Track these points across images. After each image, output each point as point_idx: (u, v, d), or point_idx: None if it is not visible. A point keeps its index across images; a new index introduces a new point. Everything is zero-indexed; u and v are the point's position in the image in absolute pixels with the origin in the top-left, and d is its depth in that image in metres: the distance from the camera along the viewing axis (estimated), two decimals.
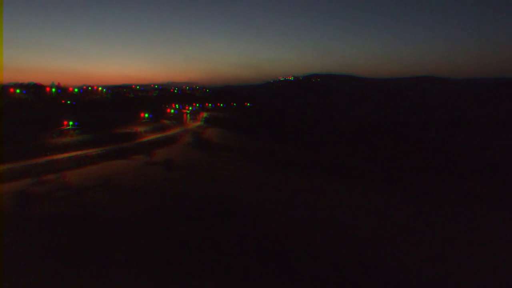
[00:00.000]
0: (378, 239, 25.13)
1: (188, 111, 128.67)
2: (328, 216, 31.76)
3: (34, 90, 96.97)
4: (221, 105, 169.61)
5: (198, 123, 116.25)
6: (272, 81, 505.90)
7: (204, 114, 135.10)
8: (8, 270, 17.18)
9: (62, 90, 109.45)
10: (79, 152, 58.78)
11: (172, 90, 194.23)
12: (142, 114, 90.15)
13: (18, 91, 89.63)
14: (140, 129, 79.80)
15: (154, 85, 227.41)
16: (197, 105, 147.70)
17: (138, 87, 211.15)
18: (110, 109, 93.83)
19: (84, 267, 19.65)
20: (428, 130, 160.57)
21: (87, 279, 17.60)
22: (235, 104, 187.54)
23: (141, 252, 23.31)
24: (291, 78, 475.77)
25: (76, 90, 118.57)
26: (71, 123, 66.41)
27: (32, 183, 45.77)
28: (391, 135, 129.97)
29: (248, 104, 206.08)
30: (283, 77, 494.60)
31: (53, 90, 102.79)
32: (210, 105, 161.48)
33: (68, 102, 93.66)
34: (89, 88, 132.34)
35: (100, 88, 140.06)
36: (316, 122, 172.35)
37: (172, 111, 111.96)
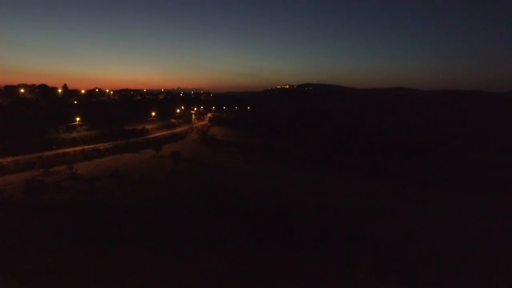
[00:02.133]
0: (361, 212, 32.49)
1: (195, 112, 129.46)
2: (318, 200, 37.34)
3: (43, 90, 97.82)
4: (225, 107, 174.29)
5: (203, 122, 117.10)
6: (270, 88, 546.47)
7: (209, 115, 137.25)
8: (20, 250, 17.07)
9: (70, 91, 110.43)
10: (87, 146, 58.89)
11: (180, 95, 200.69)
12: (150, 113, 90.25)
13: (23, 90, 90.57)
14: (149, 126, 79.76)
15: (163, 89, 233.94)
16: (203, 107, 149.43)
17: (145, 90, 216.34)
18: (118, 108, 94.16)
19: (93, 244, 19.31)
20: (399, 130, 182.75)
21: (97, 254, 17.33)
22: (237, 107, 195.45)
23: (151, 231, 22.88)
24: (287, 87, 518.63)
25: (83, 91, 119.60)
26: (78, 119, 66.45)
27: (40, 173, 46.03)
28: (369, 133, 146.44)
29: (249, 107, 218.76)
30: (280, 86, 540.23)
31: (60, 90, 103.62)
32: (214, 107, 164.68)
33: (75, 102, 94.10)
34: (96, 89, 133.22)
35: (107, 90, 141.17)
36: (307, 123, 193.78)
37: (179, 111, 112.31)
